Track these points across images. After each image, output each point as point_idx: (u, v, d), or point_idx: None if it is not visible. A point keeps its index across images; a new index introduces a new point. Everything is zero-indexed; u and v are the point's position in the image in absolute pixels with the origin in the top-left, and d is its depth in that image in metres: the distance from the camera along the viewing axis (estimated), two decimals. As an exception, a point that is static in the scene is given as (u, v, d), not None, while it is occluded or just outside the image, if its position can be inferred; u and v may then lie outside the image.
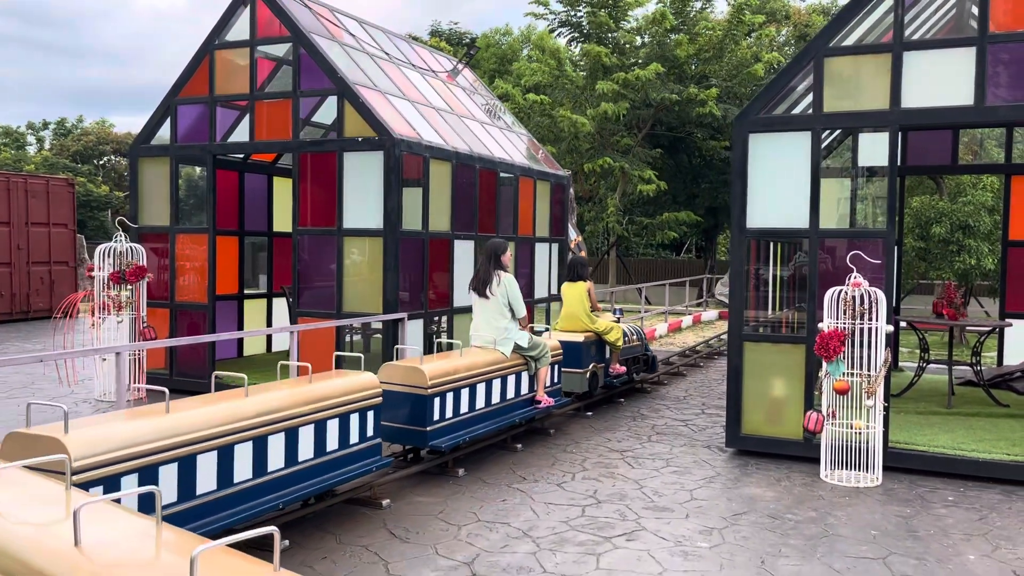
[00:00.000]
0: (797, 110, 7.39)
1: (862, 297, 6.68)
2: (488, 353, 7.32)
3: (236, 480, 4.74)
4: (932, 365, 9.92)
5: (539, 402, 7.87)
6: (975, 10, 9.32)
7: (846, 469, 6.85)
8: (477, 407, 7.07)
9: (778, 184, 7.40)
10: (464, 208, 10.29)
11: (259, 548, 4.84)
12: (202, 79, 10.06)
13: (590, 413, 9.30)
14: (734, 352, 7.57)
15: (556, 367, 8.30)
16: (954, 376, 9.48)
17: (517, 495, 6.29)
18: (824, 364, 6.78)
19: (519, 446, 7.70)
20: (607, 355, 9.55)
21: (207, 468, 4.56)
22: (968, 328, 14.78)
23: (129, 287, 9.78)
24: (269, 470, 4.97)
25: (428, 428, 6.44)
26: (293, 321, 12.69)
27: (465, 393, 6.89)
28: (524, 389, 7.76)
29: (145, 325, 9.89)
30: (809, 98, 7.30)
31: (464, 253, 10.29)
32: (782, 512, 6.00)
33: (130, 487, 4.03)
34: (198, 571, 2.00)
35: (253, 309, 12.45)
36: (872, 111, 7.07)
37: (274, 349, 12.82)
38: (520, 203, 11.72)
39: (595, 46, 22.64)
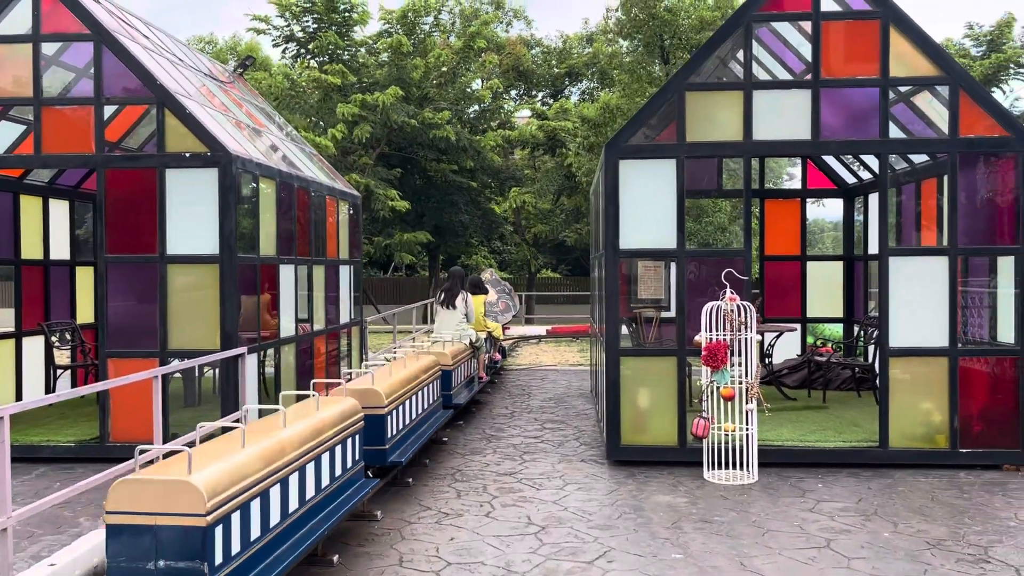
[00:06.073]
0: (663, 139, 7.93)
1: (738, 310, 7.35)
2: (460, 344, 10.41)
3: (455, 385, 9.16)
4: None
5: (482, 378, 11.48)
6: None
7: (723, 468, 7.47)
8: (462, 378, 10.14)
9: (647, 208, 7.88)
10: (286, 230, 9.58)
11: None
12: (-39, 77, 8.31)
13: (445, 439, 9.12)
14: (611, 367, 7.90)
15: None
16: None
17: (460, 532, 6.03)
18: (708, 373, 7.34)
19: (410, 480, 7.36)
20: (489, 347, 12.74)
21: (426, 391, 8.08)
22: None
23: None
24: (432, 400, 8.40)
25: (451, 391, 9.34)
26: (52, 364, 10.92)
27: (458, 369, 9.88)
28: (473, 370, 11.06)
29: None
30: (673, 127, 7.86)
31: (288, 279, 9.56)
32: (707, 515, 6.40)
33: (400, 410, 7.18)
34: None
35: None
36: (729, 142, 7.82)
37: (26, 396, 10.85)
38: (327, 224, 11.15)
39: (327, 75, 22.17)
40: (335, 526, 5.27)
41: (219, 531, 3.96)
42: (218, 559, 3.96)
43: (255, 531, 4.32)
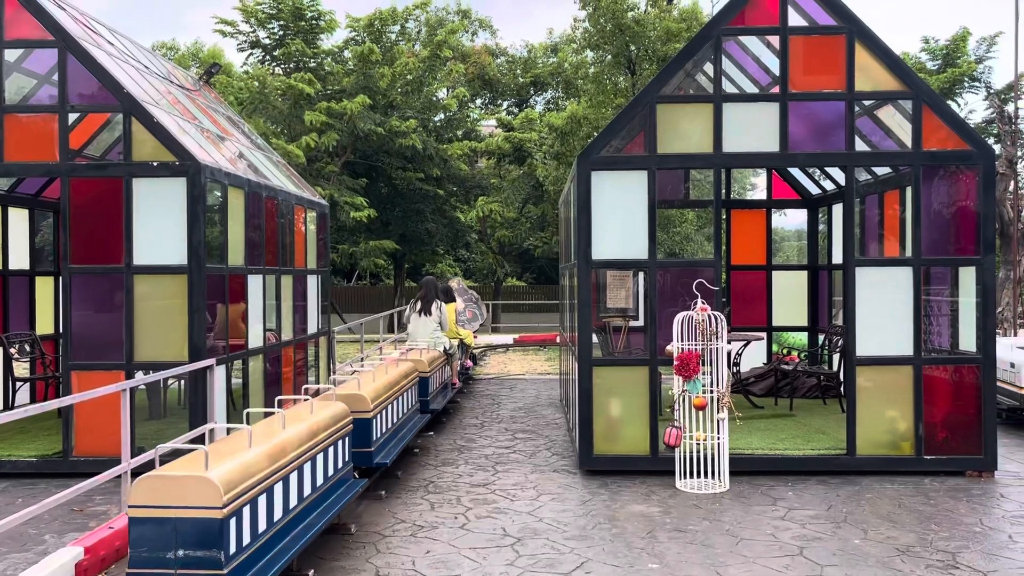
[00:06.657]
0: (634, 151, 7.98)
1: (710, 320, 7.42)
2: (434, 352, 10.70)
3: (431, 391, 9.82)
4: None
5: (455, 384, 11.88)
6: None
7: (694, 477, 7.53)
8: (439, 383, 10.61)
9: (619, 218, 7.93)
10: (254, 240, 9.47)
11: None
12: (-80, 83, 8.10)
13: (417, 450, 9.07)
14: (584, 377, 7.93)
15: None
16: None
17: (436, 545, 6.00)
18: (680, 383, 7.40)
19: (383, 493, 7.31)
20: (461, 354, 13.00)
21: (406, 396, 8.44)
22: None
23: None
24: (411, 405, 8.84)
25: (428, 397, 9.68)
26: (9, 377, 10.68)
27: (434, 375, 10.24)
28: (447, 376, 11.44)
29: None
30: (644, 139, 7.92)
31: (256, 289, 9.45)
32: (681, 525, 6.44)
33: (384, 414, 7.48)
34: None
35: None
36: (699, 154, 7.91)
37: (-16, 410, 10.59)
38: (295, 233, 11.06)
39: (297, 82, 22.00)
40: (330, 522, 5.62)
41: (233, 523, 4.26)
42: (232, 548, 4.26)
43: (263, 524, 4.64)
